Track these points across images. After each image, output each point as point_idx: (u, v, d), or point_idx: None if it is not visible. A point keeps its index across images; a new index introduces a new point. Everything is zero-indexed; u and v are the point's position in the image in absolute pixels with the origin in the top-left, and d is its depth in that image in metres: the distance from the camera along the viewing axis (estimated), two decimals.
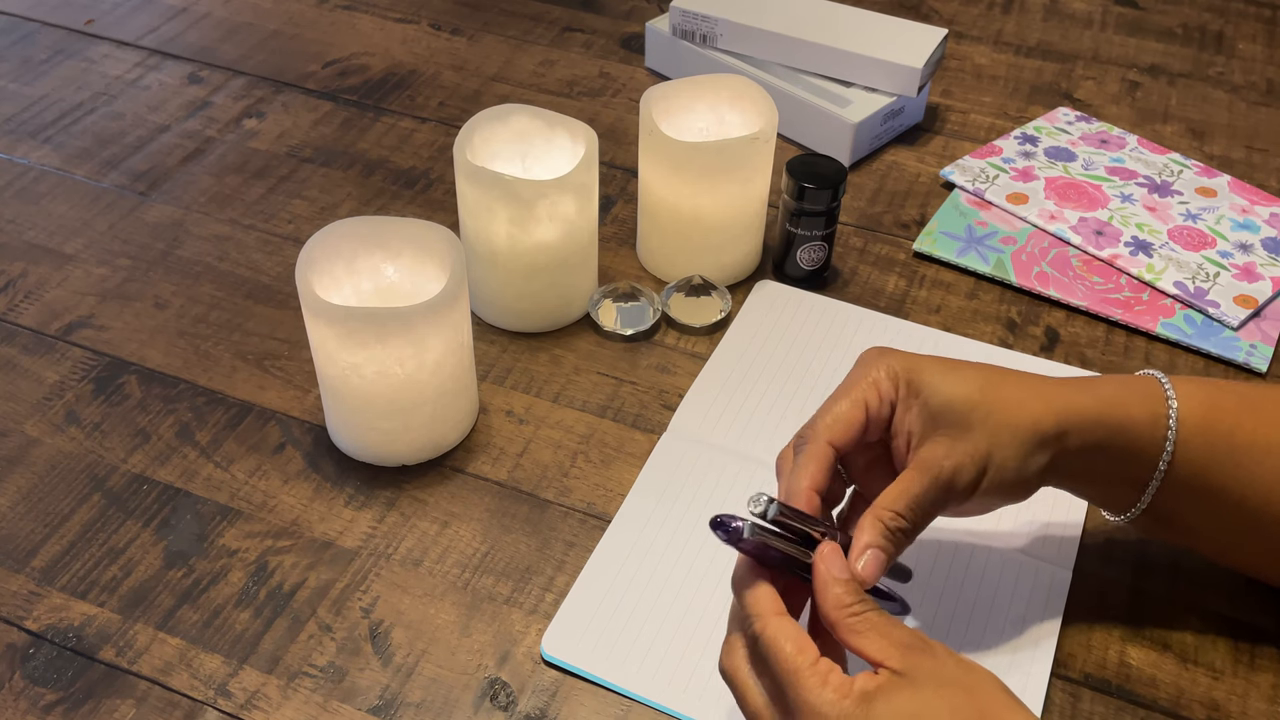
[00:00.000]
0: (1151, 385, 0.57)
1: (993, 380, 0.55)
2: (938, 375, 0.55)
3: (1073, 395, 0.56)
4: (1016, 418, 0.54)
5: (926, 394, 0.54)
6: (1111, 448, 0.56)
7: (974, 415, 0.54)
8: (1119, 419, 0.55)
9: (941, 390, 0.54)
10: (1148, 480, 0.57)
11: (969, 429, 0.54)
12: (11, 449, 0.70)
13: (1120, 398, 0.56)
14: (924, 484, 0.53)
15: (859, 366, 0.57)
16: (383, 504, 0.68)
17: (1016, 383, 0.56)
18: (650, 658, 0.60)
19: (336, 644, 0.61)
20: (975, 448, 0.54)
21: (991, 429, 0.54)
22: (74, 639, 0.61)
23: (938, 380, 0.55)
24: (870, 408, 0.55)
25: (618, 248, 0.86)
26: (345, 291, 0.68)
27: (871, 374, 0.56)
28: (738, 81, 0.80)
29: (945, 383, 0.55)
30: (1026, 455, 0.54)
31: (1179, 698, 0.59)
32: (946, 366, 0.56)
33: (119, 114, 0.99)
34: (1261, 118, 1.01)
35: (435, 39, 1.10)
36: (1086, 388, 0.57)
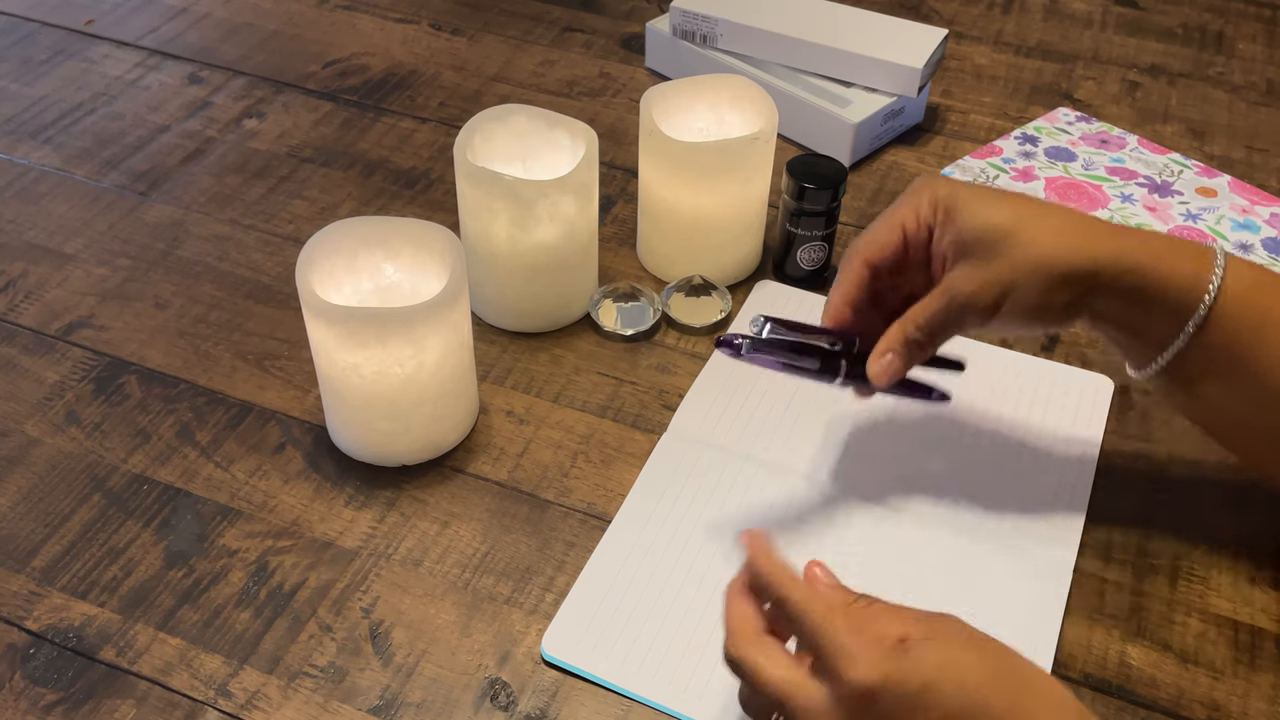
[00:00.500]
0: (1203, 252, 0.57)
1: (1030, 212, 0.57)
2: (975, 202, 0.57)
3: (1116, 239, 0.57)
4: (1046, 252, 0.56)
5: (961, 220, 0.57)
6: (1143, 299, 0.57)
7: (1003, 245, 0.56)
8: (1159, 272, 0.56)
9: (977, 217, 0.57)
10: (1172, 339, 0.57)
11: (995, 257, 0.56)
12: (12, 449, 0.70)
13: (1166, 253, 0.57)
14: (941, 305, 0.58)
15: (906, 193, 0.60)
16: (383, 504, 0.68)
17: (1059, 217, 0.57)
18: (650, 658, 0.60)
19: (337, 644, 0.61)
20: (997, 275, 0.56)
21: (1017, 260, 0.56)
22: (74, 639, 0.61)
23: (975, 207, 0.57)
24: (907, 230, 0.60)
25: (618, 248, 0.86)
26: (345, 291, 0.68)
27: (914, 199, 0.59)
28: (738, 82, 0.80)
29: (981, 211, 0.57)
30: (1049, 290, 0.56)
31: (1179, 698, 0.59)
32: (987, 196, 0.58)
33: (119, 114, 0.99)
34: (1261, 118, 1.01)
35: (435, 39, 1.10)
36: (1135, 236, 0.57)
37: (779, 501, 0.67)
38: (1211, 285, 0.56)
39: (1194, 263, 0.57)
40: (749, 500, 0.67)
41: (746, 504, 0.67)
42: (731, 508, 0.67)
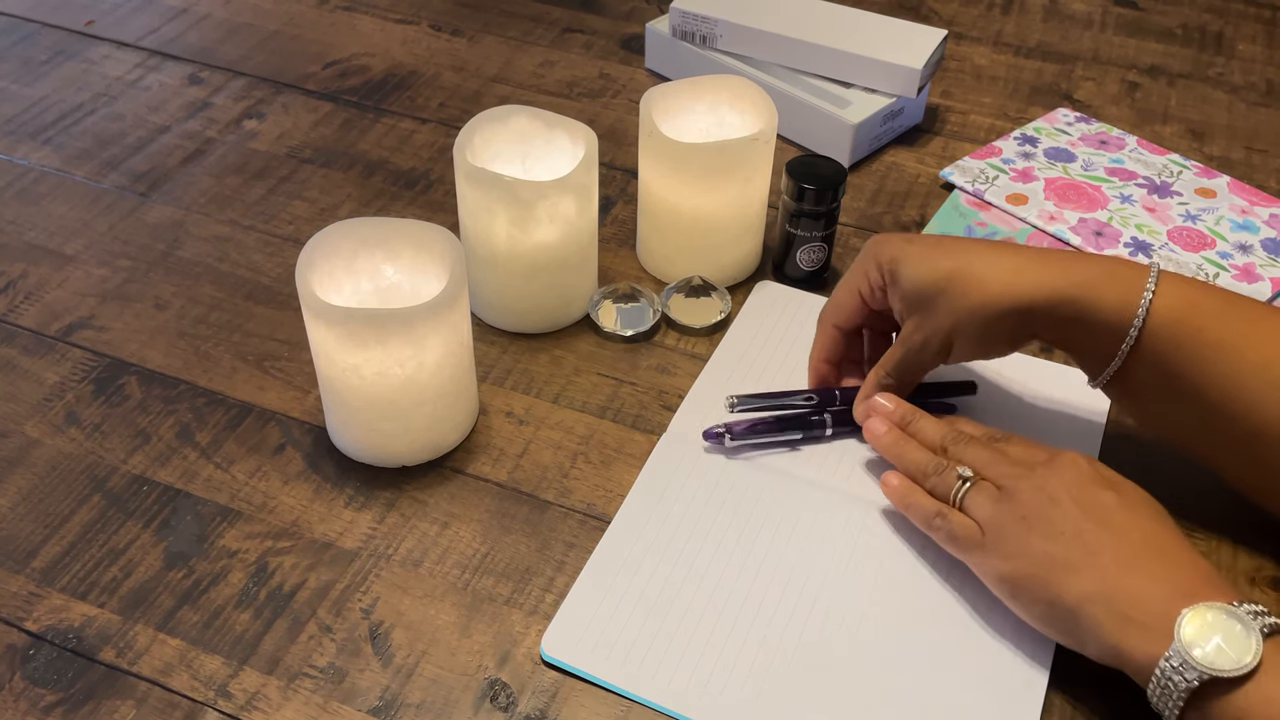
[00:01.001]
0: (1138, 275, 0.61)
1: (961, 263, 0.63)
2: (913, 263, 0.64)
3: (1047, 273, 0.61)
4: (976, 300, 0.62)
5: (903, 281, 0.64)
6: (1079, 325, 0.61)
7: (939, 299, 0.63)
8: (1089, 300, 0.61)
9: (914, 278, 0.64)
10: (1110, 359, 0.62)
11: (934, 310, 0.64)
12: (11, 450, 0.70)
13: (1098, 281, 0.61)
14: (900, 355, 0.66)
15: (860, 257, 0.68)
16: (383, 505, 0.68)
17: (990, 262, 0.63)
18: (650, 658, 0.60)
19: (337, 645, 0.61)
20: (938, 325, 0.64)
21: (952, 309, 0.63)
22: (74, 640, 0.61)
23: (912, 267, 0.64)
24: (863, 294, 0.68)
25: (618, 248, 0.86)
26: (345, 292, 0.68)
27: (864, 264, 0.67)
28: (737, 82, 0.80)
29: (918, 270, 0.64)
30: (987, 328, 0.63)
31: None
32: (926, 254, 0.64)
33: (119, 115, 0.99)
34: (1261, 118, 1.01)
35: (435, 40, 1.10)
36: (1063, 266, 0.62)
37: (779, 502, 0.67)
38: (1140, 309, 0.60)
39: (1124, 288, 0.60)
40: (749, 500, 0.67)
41: (746, 504, 0.67)
42: (731, 508, 0.67)
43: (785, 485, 0.68)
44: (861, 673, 0.59)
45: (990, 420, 0.72)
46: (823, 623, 0.61)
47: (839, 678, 0.59)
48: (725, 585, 0.63)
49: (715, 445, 0.70)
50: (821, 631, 0.61)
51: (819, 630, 0.61)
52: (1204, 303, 0.60)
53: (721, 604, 0.62)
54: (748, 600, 0.62)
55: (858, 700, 0.58)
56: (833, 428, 0.70)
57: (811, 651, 0.60)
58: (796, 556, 0.64)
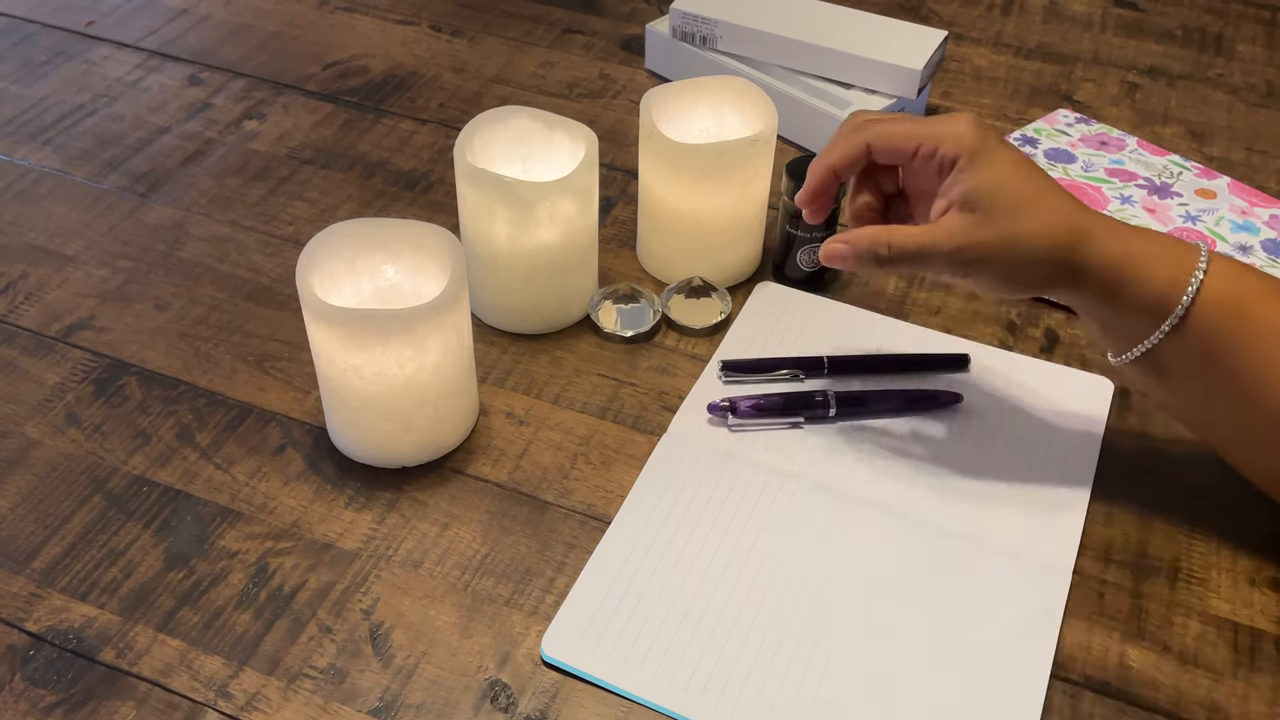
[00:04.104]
0: (1186, 253, 0.59)
1: (1043, 191, 0.59)
2: (1000, 167, 0.59)
3: (1102, 235, 0.59)
4: (1044, 235, 0.58)
5: (980, 178, 0.59)
6: (1120, 295, 0.59)
7: (1008, 215, 0.58)
8: (1134, 271, 0.58)
9: (995, 182, 0.59)
10: (1147, 334, 0.59)
11: (995, 222, 0.58)
12: (12, 450, 0.70)
13: (1145, 253, 0.59)
14: (921, 244, 0.60)
15: (942, 119, 0.61)
16: (383, 505, 0.68)
17: (1062, 200, 0.59)
18: (650, 659, 0.60)
19: (337, 645, 0.61)
20: (990, 239, 0.59)
21: (1015, 232, 0.58)
22: (74, 640, 0.61)
23: (997, 171, 0.59)
24: (921, 154, 0.61)
25: (618, 249, 0.86)
26: (345, 293, 0.68)
27: (937, 130, 0.60)
28: (738, 83, 0.80)
29: (1004, 178, 0.59)
30: (1033, 264, 0.59)
31: (1179, 699, 0.59)
32: (1015, 164, 0.59)
33: (119, 115, 0.99)
34: (1261, 119, 1.01)
35: (435, 41, 1.10)
36: (1119, 233, 0.59)
37: (779, 502, 0.67)
38: (1190, 290, 0.57)
39: (1175, 267, 0.58)
40: (749, 501, 0.67)
41: (746, 505, 0.67)
42: (731, 509, 0.67)
43: (786, 485, 0.68)
44: (861, 672, 0.59)
45: (989, 420, 0.72)
46: (823, 623, 0.61)
47: (839, 677, 0.59)
48: (725, 586, 0.63)
49: (718, 420, 0.71)
50: (821, 632, 0.61)
51: (819, 630, 0.61)
52: (1251, 287, 0.58)
53: (722, 604, 0.62)
54: (748, 600, 0.62)
55: (858, 699, 0.58)
56: (836, 408, 0.71)
57: (811, 652, 0.60)
58: (797, 556, 0.64)
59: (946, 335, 0.79)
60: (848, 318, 0.80)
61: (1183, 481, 0.69)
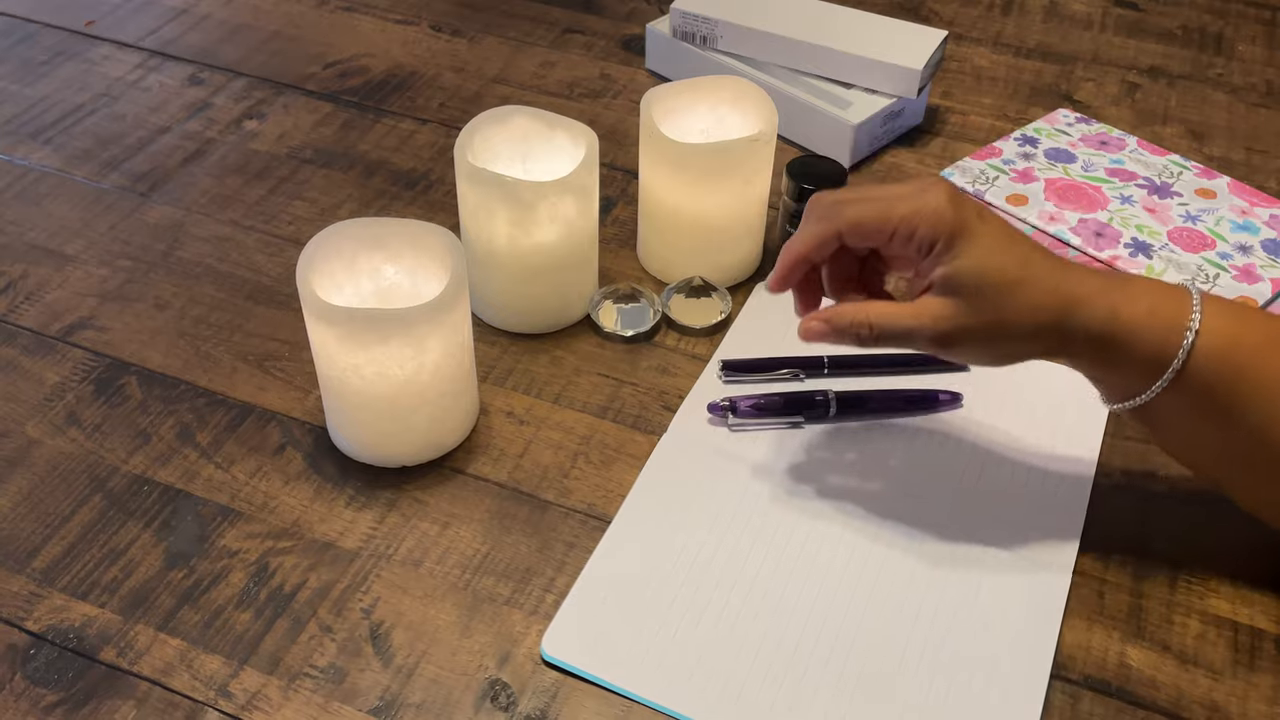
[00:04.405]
0: (1179, 309, 0.57)
1: (1031, 271, 0.57)
2: (983, 250, 0.56)
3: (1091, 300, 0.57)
4: (1029, 314, 0.57)
5: (962, 263, 0.56)
6: (1110, 356, 0.58)
7: (992, 298, 0.56)
8: (1123, 335, 0.57)
9: (979, 267, 0.56)
10: (1141, 391, 0.58)
11: (977, 309, 0.57)
12: (12, 450, 0.70)
13: (1137, 317, 0.57)
14: (906, 327, 0.58)
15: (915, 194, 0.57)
16: (383, 505, 0.68)
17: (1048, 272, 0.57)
18: (650, 658, 0.60)
19: (337, 645, 0.61)
20: (975, 323, 0.57)
21: (998, 317, 0.57)
22: (75, 640, 0.61)
23: (981, 255, 0.56)
24: (899, 235, 0.57)
25: (618, 249, 0.86)
26: (346, 293, 0.68)
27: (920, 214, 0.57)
28: (738, 83, 0.80)
29: (987, 262, 0.56)
30: (1021, 342, 0.58)
31: (1179, 699, 0.59)
32: (996, 244, 0.57)
33: (120, 115, 0.99)
34: (1261, 119, 1.01)
35: (435, 40, 1.10)
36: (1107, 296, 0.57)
37: (778, 501, 0.67)
38: (1182, 348, 0.56)
39: (1166, 324, 0.56)
40: (748, 500, 0.67)
41: (746, 504, 0.67)
42: (731, 508, 0.67)
43: (786, 484, 0.68)
44: (862, 672, 0.59)
45: (989, 420, 0.72)
46: (823, 622, 0.61)
47: (839, 676, 0.59)
48: (725, 585, 0.63)
49: (718, 420, 0.71)
50: (822, 631, 0.61)
51: (819, 629, 0.61)
52: (1247, 338, 0.57)
53: (722, 604, 0.62)
54: (748, 600, 0.62)
55: (858, 699, 0.58)
56: (836, 408, 0.71)
57: (812, 651, 0.60)
58: (797, 556, 0.65)
59: None
60: None
61: (1183, 480, 0.69)
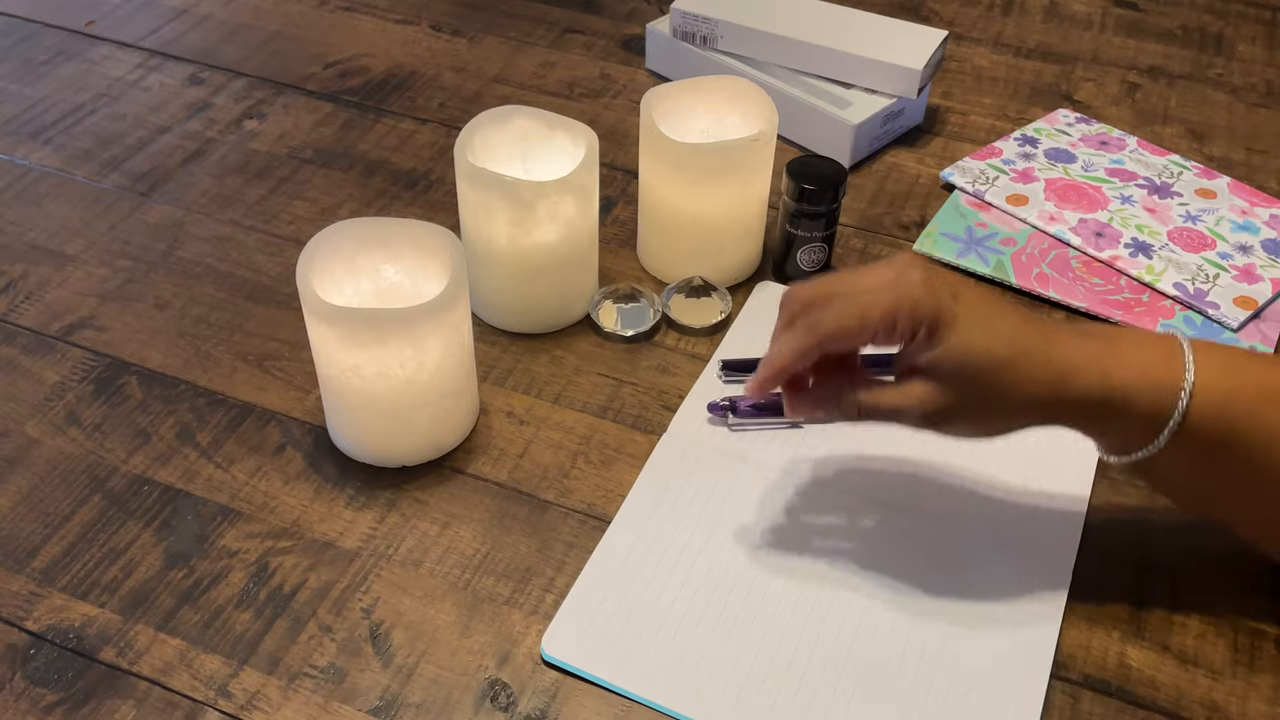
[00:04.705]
0: (1170, 369, 0.55)
1: (1015, 350, 0.55)
2: (963, 336, 0.55)
3: (1081, 370, 0.55)
4: (1017, 394, 0.56)
5: (947, 352, 0.55)
6: (1105, 422, 0.57)
7: (979, 383, 0.55)
8: (1122, 405, 0.55)
9: (963, 355, 0.55)
10: (1136, 450, 0.57)
11: (964, 392, 0.56)
12: (12, 450, 0.70)
13: (1129, 383, 0.55)
14: (894, 407, 0.57)
15: (888, 288, 0.55)
16: (383, 505, 0.68)
17: (1036, 349, 0.55)
18: (650, 658, 0.60)
19: (337, 645, 0.61)
20: (960, 406, 0.56)
21: (985, 397, 0.56)
22: (74, 640, 0.61)
23: (963, 342, 0.55)
24: (879, 336, 0.56)
25: (618, 249, 0.86)
26: (346, 292, 0.68)
27: (896, 303, 0.55)
28: (738, 83, 0.80)
29: (970, 348, 0.55)
30: (1010, 418, 0.57)
31: (1179, 699, 0.59)
32: (976, 327, 0.55)
33: (120, 115, 0.99)
34: (1261, 119, 1.01)
35: (435, 40, 1.10)
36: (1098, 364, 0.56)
37: (778, 502, 0.67)
38: (1179, 405, 0.55)
39: (1159, 385, 0.55)
40: (748, 501, 0.67)
41: (746, 504, 0.67)
42: (731, 509, 0.67)
43: (786, 484, 0.68)
44: (862, 672, 0.59)
45: None
46: (822, 622, 0.61)
47: (839, 677, 0.59)
48: (725, 585, 0.63)
49: (718, 419, 0.71)
50: (821, 630, 0.61)
51: (819, 629, 0.61)
52: (1241, 392, 0.55)
53: (721, 604, 0.62)
54: (748, 600, 0.62)
55: (857, 699, 0.58)
56: None
57: (811, 651, 0.60)
58: (796, 556, 0.64)
59: None
60: None
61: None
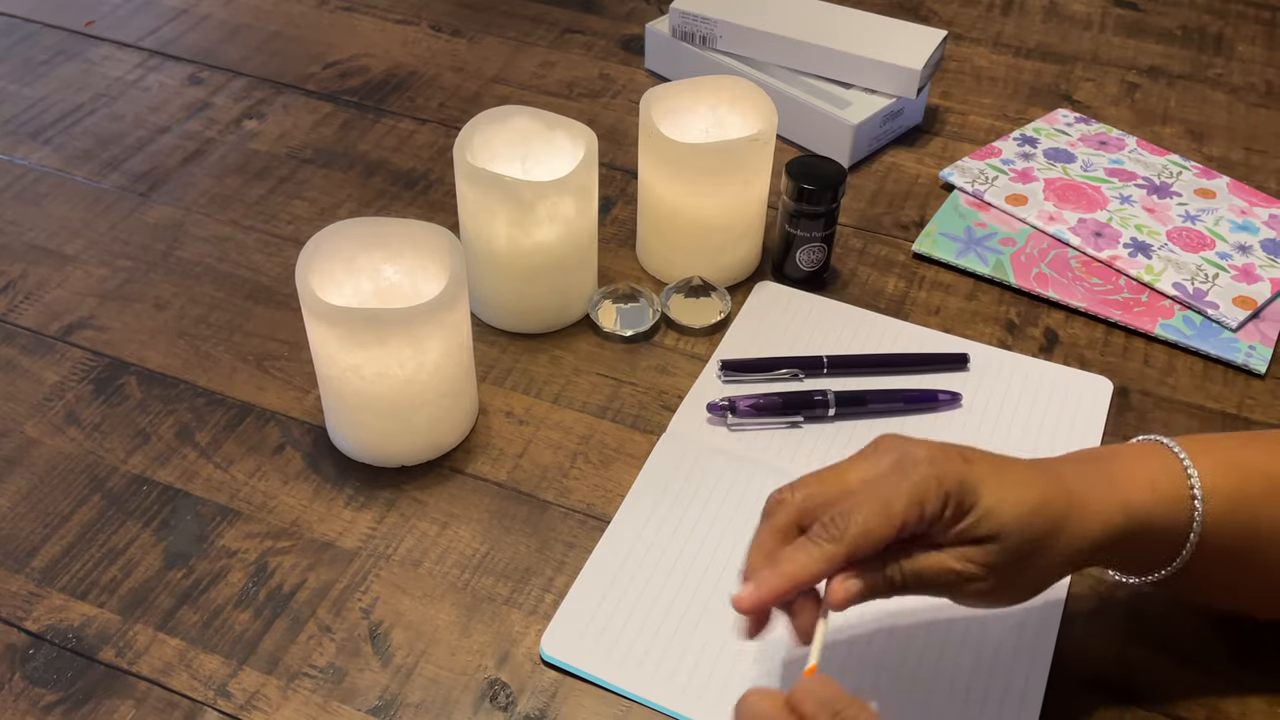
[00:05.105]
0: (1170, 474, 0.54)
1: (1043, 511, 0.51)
2: (997, 497, 0.50)
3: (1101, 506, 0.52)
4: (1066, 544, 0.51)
5: (981, 512, 0.50)
6: (1136, 544, 0.54)
7: (1025, 546, 0.51)
8: (1149, 521, 0.53)
9: (996, 514, 0.50)
10: (1162, 567, 0.55)
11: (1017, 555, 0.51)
12: (11, 450, 0.70)
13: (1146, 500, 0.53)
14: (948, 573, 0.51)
15: (898, 473, 0.50)
16: (382, 505, 0.68)
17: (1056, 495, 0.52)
18: (650, 658, 0.60)
19: (336, 645, 0.61)
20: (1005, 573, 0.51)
21: (1028, 565, 0.51)
22: (74, 640, 0.61)
23: (994, 501, 0.50)
24: (907, 527, 0.50)
25: (617, 249, 0.86)
26: (345, 292, 0.68)
27: (918, 492, 0.50)
28: (737, 83, 0.80)
29: (1016, 510, 0.50)
30: (1062, 571, 0.53)
31: (1179, 699, 0.59)
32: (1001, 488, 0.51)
33: (119, 115, 0.99)
34: (1260, 119, 1.01)
35: (435, 40, 1.10)
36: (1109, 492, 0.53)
37: None
38: (1194, 527, 0.53)
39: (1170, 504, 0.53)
40: (748, 501, 0.67)
41: (746, 504, 0.67)
42: (731, 508, 0.67)
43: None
44: (861, 673, 0.59)
45: (989, 419, 0.72)
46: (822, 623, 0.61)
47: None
48: (725, 585, 0.63)
49: (717, 419, 0.71)
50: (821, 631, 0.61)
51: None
52: (1249, 489, 0.54)
53: (721, 604, 0.62)
54: None
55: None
56: (835, 408, 0.71)
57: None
58: None
59: (946, 335, 0.79)
60: (847, 317, 0.80)
61: None
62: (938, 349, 0.77)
